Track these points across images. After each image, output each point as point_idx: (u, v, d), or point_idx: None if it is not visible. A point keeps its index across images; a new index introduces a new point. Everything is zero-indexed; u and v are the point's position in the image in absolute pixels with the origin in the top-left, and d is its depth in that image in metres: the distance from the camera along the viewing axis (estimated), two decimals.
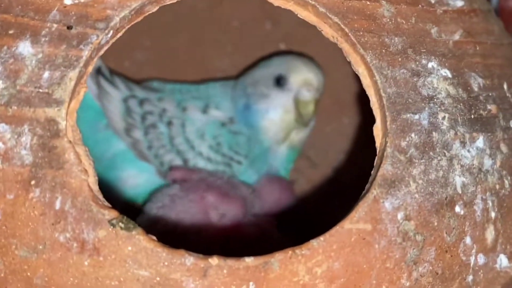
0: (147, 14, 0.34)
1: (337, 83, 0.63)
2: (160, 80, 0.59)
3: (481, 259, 0.36)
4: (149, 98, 0.54)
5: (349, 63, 0.60)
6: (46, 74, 0.32)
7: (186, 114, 0.54)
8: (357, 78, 0.60)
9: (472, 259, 0.36)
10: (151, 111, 0.53)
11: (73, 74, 0.32)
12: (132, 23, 0.34)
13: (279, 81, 0.55)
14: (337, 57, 0.63)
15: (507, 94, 0.39)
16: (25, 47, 0.33)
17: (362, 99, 0.56)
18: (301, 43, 0.62)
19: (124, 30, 0.34)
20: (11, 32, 0.33)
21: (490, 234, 0.36)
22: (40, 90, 0.32)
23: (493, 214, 0.36)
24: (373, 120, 0.36)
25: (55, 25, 0.33)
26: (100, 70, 0.54)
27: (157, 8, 0.35)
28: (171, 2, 0.35)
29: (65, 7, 0.33)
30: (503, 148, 0.38)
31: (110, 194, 0.52)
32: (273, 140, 0.55)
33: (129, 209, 0.53)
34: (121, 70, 0.62)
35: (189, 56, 0.63)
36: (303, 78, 0.54)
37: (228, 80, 0.59)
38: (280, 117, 0.55)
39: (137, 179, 0.53)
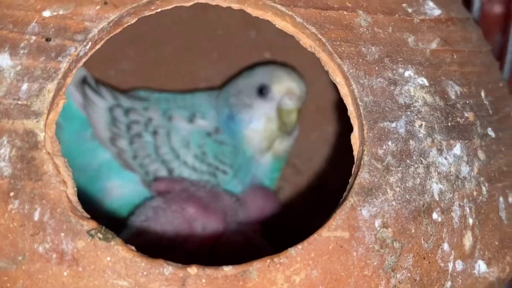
0: (125, 25, 0.35)
1: (321, 91, 0.63)
2: (146, 89, 0.59)
3: (459, 265, 0.36)
4: (134, 108, 0.54)
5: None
6: (24, 86, 0.33)
7: (172, 123, 0.54)
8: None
9: (451, 265, 0.36)
10: (137, 120, 0.53)
11: (51, 86, 0.33)
12: (111, 35, 0.34)
13: (262, 91, 0.55)
14: (320, 65, 0.63)
15: (485, 102, 0.40)
16: (3, 59, 0.33)
17: (344, 107, 0.57)
18: (285, 52, 0.62)
19: (102, 42, 0.34)
20: None
21: (468, 240, 0.37)
22: (19, 102, 0.32)
23: (470, 221, 0.37)
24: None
25: (33, 37, 0.33)
26: (85, 79, 0.54)
27: (135, 19, 0.35)
28: (149, 13, 0.35)
29: (43, 19, 0.34)
30: (481, 155, 0.38)
31: (95, 205, 0.52)
32: (257, 150, 0.56)
33: (113, 221, 0.53)
34: (106, 79, 0.62)
35: (174, 65, 0.63)
36: (285, 87, 0.55)
37: (214, 90, 0.60)
38: (263, 126, 0.55)
39: (122, 190, 0.53)
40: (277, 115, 0.55)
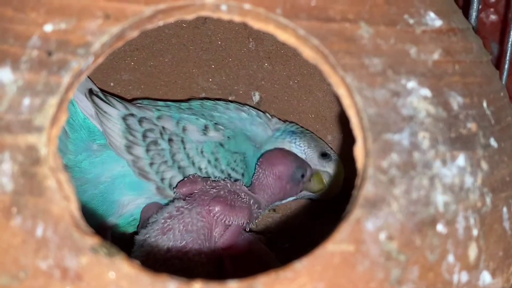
0: (128, 39, 0.34)
1: (321, 101, 0.63)
2: (148, 100, 0.59)
3: (464, 276, 0.36)
4: (147, 117, 0.54)
5: None
6: (26, 101, 0.32)
7: (186, 134, 0.54)
8: None
9: (456, 277, 0.36)
10: (151, 129, 0.54)
11: (53, 100, 0.32)
12: (113, 48, 0.34)
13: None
14: (320, 74, 0.63)
15: (487, 112, 0.40)
16: (5, 74, 0.33)
17: (345, 117, 0.57)
18: (284, 62, 0.63)
19: (104, 56, 0.34)
20: None
21: (472, 251, 0.36)
22: (21, 117, 0.32)
23: (475, 232, 0.37)
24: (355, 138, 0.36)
25: (35, 52, 0.33)
26: (92, 90, 0.54)
27: (137, 33, 0.35)
28: (152, 27, 0.35)
29: (45, 33, 0.33)
30: (484, 165, 0.38)
31: (102, 218, 0.52)
32: None
33: (122, 235, 0.53)
34: (107, 90, 0.62)
35: (174, 76, 0.63)
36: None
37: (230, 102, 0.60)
38: None
39: (136, 202, 0.53)
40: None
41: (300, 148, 0.58)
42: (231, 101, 0.62)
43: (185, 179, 0.53)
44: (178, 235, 0.48)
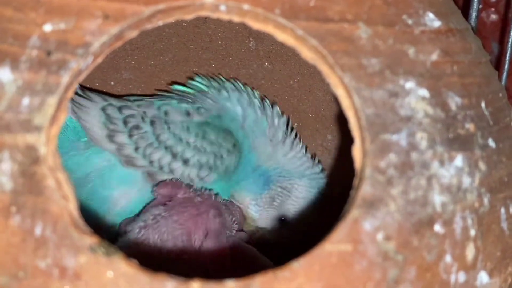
0: (127, 39, 0.35)
1: (320, 100, 0.63)
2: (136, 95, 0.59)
3: (461, 276, 0.36)
4: (127, 104, 0.53)
5: None
6: (26, 101, 0.33)
7: (168, 117, 0.53)
8: None
9: (453, 277, 0.36)
10: (132, 114, 0.52)
11: (52, 100, 0.32)
12: (112, 48, 0.34)
13: (283, 220, 0.57)
14: (319, 74, 0.63)
15: (485, 112, 0.40)
16: (4, 73, 0.33)
17: (344, 117, 0.57)
18: (285, 61, 0.63)
19: (104, 56, 0.34)
20: None
21: (470, 251, 0.37)
22: (20, 117, 0.32)
23: (472, 232, 0.37)
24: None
25: (34, 51, 0.33)
26: None
27: (137, 33, 0.35)
28: (151, 27, 0.35)
29: (44, 33, 0.34)
30: (482, 166, 0.38)
31: (97, 217, 0.52)
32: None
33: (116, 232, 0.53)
34: (107, 89, 0.62)
35: (174, 75, 0.63)
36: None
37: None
38: (253, 216, 0.57)
39: (129, 195, 0.52)
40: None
41: (258, 208, 0.57)
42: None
43: (167, 180, 0.52)
44: (152, 245, 0.48)
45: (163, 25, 0.38)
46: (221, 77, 0.59)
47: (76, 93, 0.53)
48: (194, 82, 0.58)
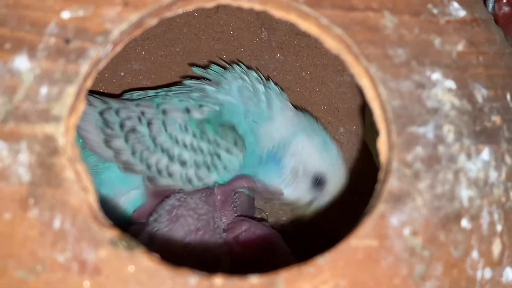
0: (146, 27, 0.34)
1: (333, 92, 0.63)
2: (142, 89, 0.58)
3: (488, 273, 0.35)
4: (126, 106, 0.52)
5: (342, 72, 0.60)
6: (44, 90, 0.32)
7: (166, 116, 0.52)
8: (352, 86, 0.60)
9: (479, 273, 0.35)
10: (129, 116, 0.51)
11: (71, 89, 0.32)
12: (132, 37, 0.33)
13: (318, 181, 0.54)
14: (333, 65, 0.63)
15: (510, 105, 0.39)
16: (22, 62, 0.32)
17: (357, 109, 0.56)
18: (297, 52, 0.62)
19: (123, 44, 0.33)
20: (7, 46, 0.33)
21: (496, 247, 0.36)
22: (38, 106, 0.31)
23: (499, 227, 0.36)
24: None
25: (52, 39, 0.32)
26: None
27: (156, 21, 0.34)
28: (170, 15, 0.34)
29: (62, 20, 0.33)
30: (508, 160, 0.37)
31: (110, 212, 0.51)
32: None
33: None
34: (117, 79, 0.61)
35: (185, 65, 0.62)
36: (337, 187, 0.55)
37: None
38: (287, 199, 0.55)
39: (128, 195, 0.52)
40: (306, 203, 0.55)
41: (292, 189, 0.55)
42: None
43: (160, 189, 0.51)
44: (190, 220, 0.47)
45: (174, 15, 0.37)
46: (222, 62, 0.58)
47: None
48: (195, 69, 0.56)
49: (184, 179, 0.51)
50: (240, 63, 0.57)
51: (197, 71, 0.57)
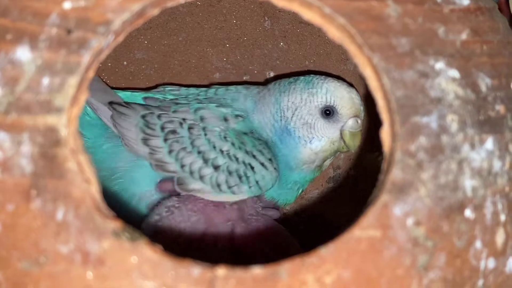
0: (149, 17, 0.33)
1: None
2: (170, 86, 0.58)
3: (491, 263, 0.35)
4: (166, 112, 0.53)
5: (345, 61, 0.60)
6: (45, 81, 0.32)
7: (205, 123, 0.52)
8: (355, 76, 0.60)
9: (483, 263, 0.35)
10: (171, 120, 0.52)
11: (73, 80, 0.31)
12: (134, 27, 0.33)
13: (327, 112, 0.53)
14: (336, 54, 0.62)
15: None
16: (23, 53, 0.32)
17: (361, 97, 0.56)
18: (300, 41, 0.62)
19: (124, 34, 0.33)
20: (8, 37, 0.32)
21: (500, 237, 0.36)
22: (40, 97, 0.31)
23: (502, 217, 0.36)
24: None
25: (54, 29, 0.32)
26: (112, 103, 0.53)
27: (158, 11, 0.34)
28: (172, 5, 0.34)
29: (64, 10, 0.32)
30: None
31: (115, 202, 0.51)
32: (306, 165, 0.54)
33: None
34: (120, 69, 0.61)
35: (188, 55, 0.62)
36: (354, 111, 0.52)
37: (247, 87, 0.57)
38: (323, 147, 0.53)
39: (154, 197, 0.52)
40: (341, 137, 0.53)
41: (314, 140, 0.53)
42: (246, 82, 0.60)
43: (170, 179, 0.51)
44: (170, 236, 0.47)
45: (177, 4, 0.36)
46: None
47: (119, 104, 0.53)
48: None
49: (214, 183, 0.51)
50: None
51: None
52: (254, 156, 0.51)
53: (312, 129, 0.53)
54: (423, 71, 0.35)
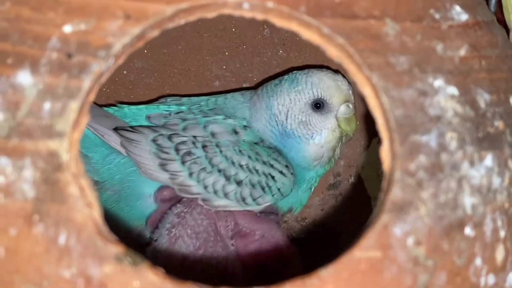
0: (148, 39, 0.34)
1: None
2: (172, 97, 0.58)
3: (491, 279, 0.36)
4: (176, 132, 0.52)
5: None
6: (47, 105, 0.32)
7: (216, 138, 0.52)
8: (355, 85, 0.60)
9: (483, 280, 0.35)
10: (183, 141, 0.52)
11: (74, 105, 0.32)
12: (133, 49, 0.33)
13: (318, 105, 0.53)
14: (334, 62, 0.62)
15: None
16: (25, 77, 0.32)
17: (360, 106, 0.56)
18: (299, 49, 0.62)
19: (124, 57, 0.33)
20: (9, 61, 0.33)
21: (500, 253, 0.36)
22: (42, 122, 0.31)
23: (502, 233, 0.36)
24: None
25: (54, 54, 0.32)
26: (117, 128, 0.53)
27: (158, 32, 0.34)
28: (172, 26, 0.34)
29: (64, 34, 0.33)
30: (511, 165, 0.37)
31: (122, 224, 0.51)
32: (317, 161, 0.54)
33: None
34: (120, 78, 0.61)
35: (187, 63, 0.62)
36: (343, 97, 0.53)
37: (243, 93, 0.57)
38: (327, 139, 0.53)
39: (153, 207, 0.52)
40: (338, 124, 0.53)
41: (315, 135, 0.54)
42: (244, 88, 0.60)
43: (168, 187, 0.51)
44: (188, 241, 0.47)
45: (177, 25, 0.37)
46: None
47: (125, 129, 0.52)
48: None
49: (239, 198, 0.51)
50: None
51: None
52: (272, 166, 0.52)
53: (310, 126, 0.53)
54: (422, 89, 0.35)
